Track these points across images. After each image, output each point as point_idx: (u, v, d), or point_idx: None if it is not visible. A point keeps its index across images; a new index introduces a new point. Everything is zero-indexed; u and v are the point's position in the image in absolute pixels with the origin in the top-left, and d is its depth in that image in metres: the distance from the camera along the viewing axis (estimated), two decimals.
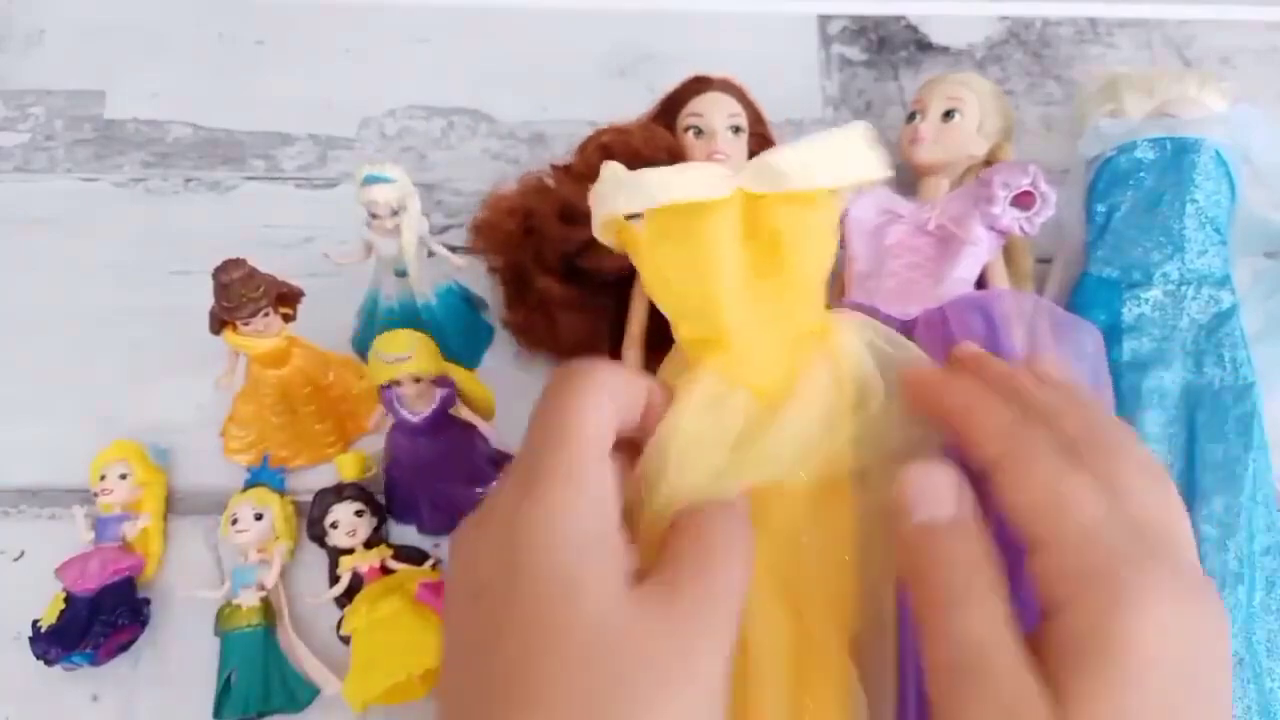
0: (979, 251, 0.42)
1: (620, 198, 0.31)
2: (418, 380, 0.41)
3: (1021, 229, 0.42)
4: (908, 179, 0.48)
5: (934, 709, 0.24)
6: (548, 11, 0.57)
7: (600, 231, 0.33)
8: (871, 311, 0.42)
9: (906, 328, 0.41)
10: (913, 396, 0.30)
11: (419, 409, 0.42)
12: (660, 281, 0.32)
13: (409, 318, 0.44)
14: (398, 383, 0.41)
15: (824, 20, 0.58)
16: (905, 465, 0.27)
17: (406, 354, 0.40)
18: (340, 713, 0.40)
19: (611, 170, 0.31)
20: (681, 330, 0.32)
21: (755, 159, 0.31)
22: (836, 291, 0.46)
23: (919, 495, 0.26)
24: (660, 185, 0.30)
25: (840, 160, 0.31)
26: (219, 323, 0.41)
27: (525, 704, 0.22)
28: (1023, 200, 0.42)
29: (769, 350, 0.31)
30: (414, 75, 0.56)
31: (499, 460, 0.45)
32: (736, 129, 0.46)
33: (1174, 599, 0.22)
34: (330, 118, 0.55)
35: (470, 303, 0.48)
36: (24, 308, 0.50)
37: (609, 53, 0.56)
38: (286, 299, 0.42)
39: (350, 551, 0.42)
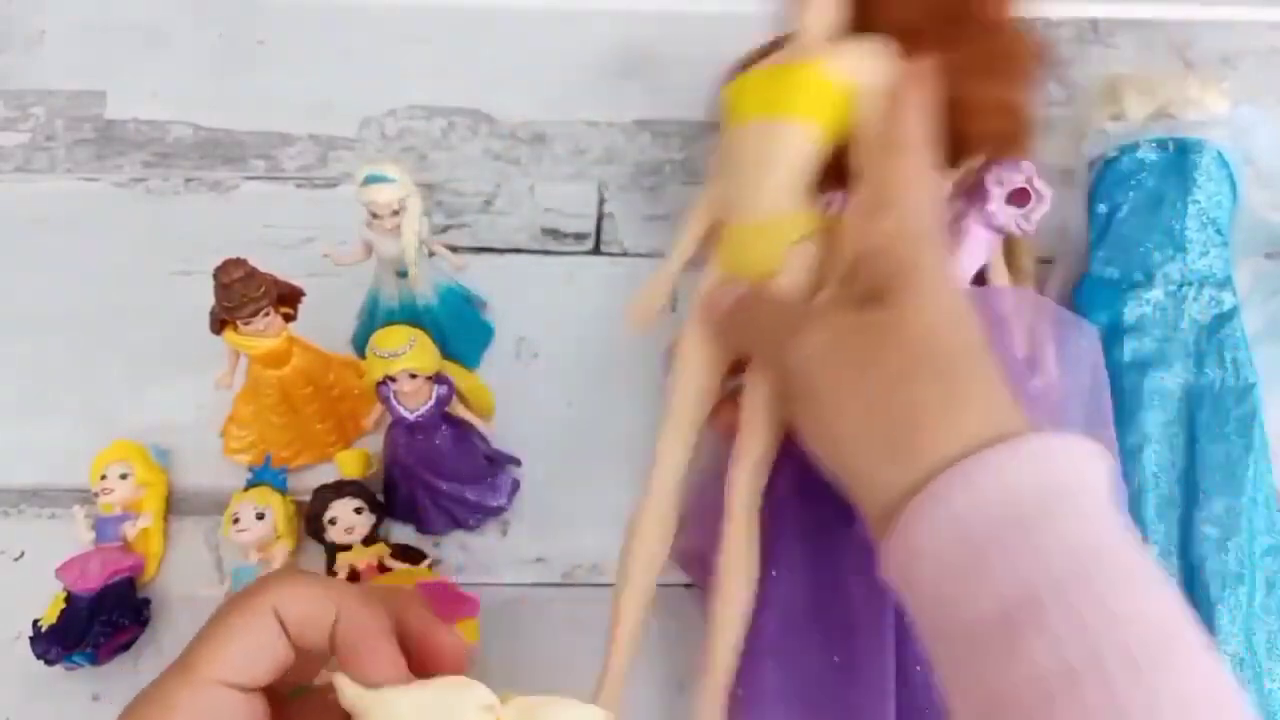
0: (976, 249, 0.42)
1: None
2: (414, 376, 0.41)
3: (1019, 226, 0.42)
4: None
5: None
6: (548, 11, 0.57)
7: None
8: None
9: None
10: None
11: (415, 406, 0.41)
12: None
13: (409, 318, 0.44)
14: (394, 379, 0.41)
15: None
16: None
17: (402, 349, 0.40)
18: None
19: None
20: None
21: None
22: None
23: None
24: None
25: None
26: (219, 323, 0.41)
27: None
28: (1018, 198, 0.42)
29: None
30: (414, 75, 0.56)
31: (497, 460, 0.45)
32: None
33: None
34: (330, 118, 0.55)
35: (471, 303, 0.48)
36: (24, 308, 0.50)
37: (609, 53, 0.56)
38: (287, 299, 0.42)
39: (348, 548, 0.42)
